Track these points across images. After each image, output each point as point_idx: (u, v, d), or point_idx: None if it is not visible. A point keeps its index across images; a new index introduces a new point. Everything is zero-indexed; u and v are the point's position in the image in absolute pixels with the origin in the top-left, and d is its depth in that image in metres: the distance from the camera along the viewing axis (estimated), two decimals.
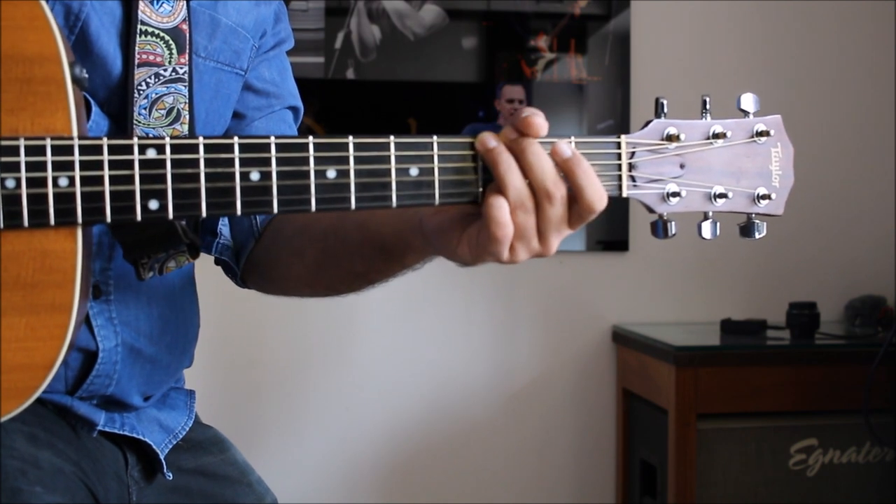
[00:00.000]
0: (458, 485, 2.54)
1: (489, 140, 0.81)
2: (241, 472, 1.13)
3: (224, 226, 1.10)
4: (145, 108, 0.95)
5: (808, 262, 2.63)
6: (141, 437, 1.02)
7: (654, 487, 2.35)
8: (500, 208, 0.80)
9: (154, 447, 1.03)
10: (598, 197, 0.82)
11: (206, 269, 1.16)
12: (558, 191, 0.81)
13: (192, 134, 0.98)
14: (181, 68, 0.97)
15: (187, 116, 0.98)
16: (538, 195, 0.81)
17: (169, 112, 0.97)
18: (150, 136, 0.95)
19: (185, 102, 0.98)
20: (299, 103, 1.17)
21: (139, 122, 0.95)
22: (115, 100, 0.95)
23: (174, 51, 0.97)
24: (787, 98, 2.59)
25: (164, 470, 1.04)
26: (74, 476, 0.93)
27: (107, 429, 1.00)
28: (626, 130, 2.53)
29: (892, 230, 2.63)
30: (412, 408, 2.53)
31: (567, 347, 2.58)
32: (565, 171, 0.81)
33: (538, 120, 0.81)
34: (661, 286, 2.60)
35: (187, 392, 1.15)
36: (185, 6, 0.99)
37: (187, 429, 1.10)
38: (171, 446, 1.06)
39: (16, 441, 0.90)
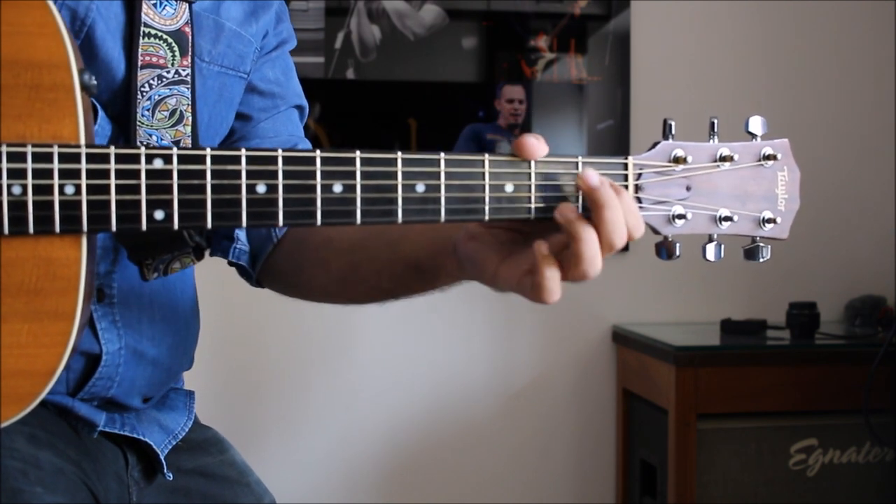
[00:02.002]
0: (458, 485, 2.54)
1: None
2: (239, 472, 1.13)
3: (241, 230, 1.10)
4: (148, 110, 0.95)
5: (808, 262, 2.62)
6: (141, 437, 1.03)
7: (654, 487, 2.35)
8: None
9: (154, 447, 1.04)
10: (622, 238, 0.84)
11: (207, 271, 1.16)
12: (621, 243, 0.83)
13: (194, 136, 0.98)
14: (184, 70, 0.97)
15: (190, 118, 0.98)
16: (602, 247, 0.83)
17: (172, 114, 0.96)
18: (157, 144, 0.95)
19: (188, 105, 0.98)
20: (304, 102, 1.16)
21: (142, 123, 0.95)
22: (118, 102, 0.95)
23: (177, 53, 0.97)
24: (788, 98, 2.59)
25: (165, 470, 1.04)
26: (75, 476, 0.93)
27: (107, 429, 1.00)
28: (626, 131, 2.54)
29: (892, 230, 2.63)
30: (412, 408, 2.52)
31: (567, 347, 2.58)
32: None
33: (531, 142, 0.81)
34: (661, 286, 2.59)
35: (187, 393, 1.15)
36: (187, 9, 0.99)
37: (187, 429, 1.10)
38: (171, 447, 1.06)
39: (16, 441, 0.90)
